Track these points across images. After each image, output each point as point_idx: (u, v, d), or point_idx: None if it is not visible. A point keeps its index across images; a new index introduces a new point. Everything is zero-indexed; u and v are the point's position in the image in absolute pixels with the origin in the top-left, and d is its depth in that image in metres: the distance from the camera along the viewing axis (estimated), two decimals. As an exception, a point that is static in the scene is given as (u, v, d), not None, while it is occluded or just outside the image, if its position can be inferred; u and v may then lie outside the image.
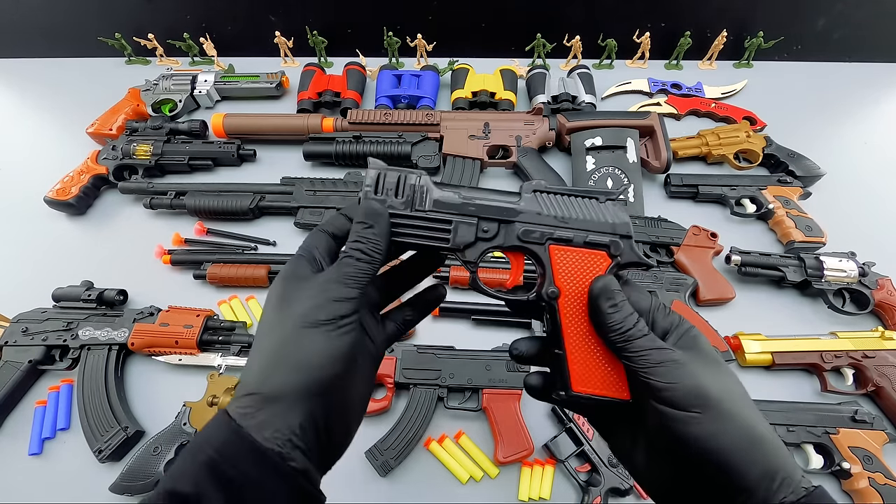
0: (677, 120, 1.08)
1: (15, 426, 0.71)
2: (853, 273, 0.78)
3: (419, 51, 1.16)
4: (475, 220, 0.38)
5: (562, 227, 0.38)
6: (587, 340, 0.36)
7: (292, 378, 0.31)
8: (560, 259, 0.38)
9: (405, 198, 0.38)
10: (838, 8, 1.12)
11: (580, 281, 0.37)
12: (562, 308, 0.37)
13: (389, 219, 0.36)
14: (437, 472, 0.68)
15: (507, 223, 0.38)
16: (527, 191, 0.39)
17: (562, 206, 0.39)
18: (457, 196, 0.38)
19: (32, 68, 1.22)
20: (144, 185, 0.91)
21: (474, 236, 0.38)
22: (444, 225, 0.38)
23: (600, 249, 0.38)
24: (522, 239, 0.38)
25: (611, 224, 0.38)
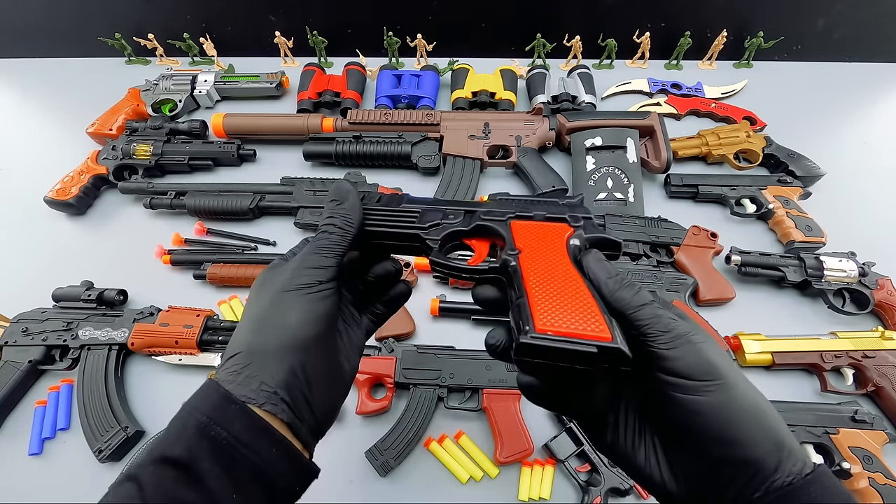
0: (677, 120, 1.08)
1: (15, 426, 0.71)
2: (853, 273, 0.78)
3: (419, 51, 1.16)
4: (442, 210, 0.43)
5: (523, 212, 0.41)
6: (550, 282, 0.33)
7: (273, 334, 0.33)
8: (521, 229, 0.39)
9: (383, 202, 0.44)
10: (838, 8, 1.12)
11: (542, 242, 0.37)
12: (522, 262, 0.35)
13: (357, 194, 0.41)
14: (437, 472, 0.68)
15: (471, 213, 0.42)
16: (492, 198, 0.44)
17: (523, 203, 0.42)
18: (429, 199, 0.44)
19: (33, 68, 1.22)
20: (144, 185, 0.91)
21: (440, 219, 0.42)
22: (413, 215, 0.42)
23: (560, 222, 0.40)
24: (484, 217, 0.41)
25: (567, 207, 0.41)
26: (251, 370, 0.32)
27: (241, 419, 0.30)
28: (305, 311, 0.33)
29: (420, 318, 0.79)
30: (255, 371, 0.31)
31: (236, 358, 0.32)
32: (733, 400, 0.29)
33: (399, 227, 0.41)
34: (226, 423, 0.29)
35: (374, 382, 0.72)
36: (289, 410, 0.32)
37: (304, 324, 0.33)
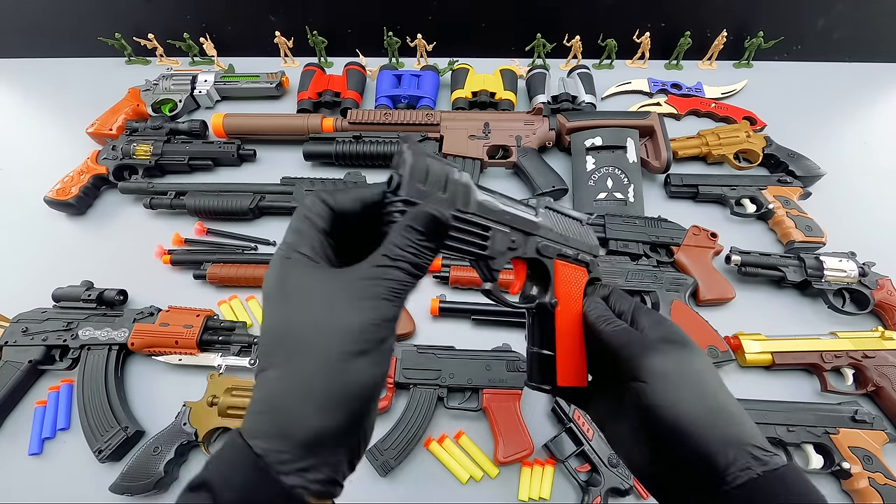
0: (677, 120, 1.08)
1: (15, 426, 0.71)
2: (853, 273, 0.78)
3: (419, 51, 1.16)
4: (508, 230, 0.38)
5: (565, 245, 0.43)
6: (572, 344, 0.41)
7: (329, 418, 0.26)
8: (561, 272, 0.42)
9: (449, 194, 0.32)
10: (838, 8, 1.12)
11: (570, 291, 0.43)
12: (558, 316, 0.41)
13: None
14: (437, 472, 0.68)
15: (529, 235, 0.40)
16: (541, 206, 0.42)
17: (563, 225, 0.43)
18: (497, 202, 0.36)
19: (33, 68, 1.22)
20: (144, 185, 0.91)
21: (506, 246, 0.38)
22: (483, 231, 0.35)
23: (583, 266, 0.44)
24: (541, 252, 0.41)
25: (589, 245, 0.45)
26: (306, 463, 0.26)
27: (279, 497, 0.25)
28: (369, 379, 0.27)
29: (420, 318, 0.79)
30: (312, 463, 0.26)
31: (280, 442, 0.26)
32: (681, 398, 0.32)
33: (469, 246, 0.35)
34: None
35: (374, 382, 0.72)
36: (340, 489, 0.28)
37: (366, 397, 0.28)
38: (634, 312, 0.40)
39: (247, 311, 0.81)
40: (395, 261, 0.28)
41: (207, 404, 0.68)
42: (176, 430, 0.67)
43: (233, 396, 0.68)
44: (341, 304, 0.27)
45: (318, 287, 0.28)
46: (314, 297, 0.27)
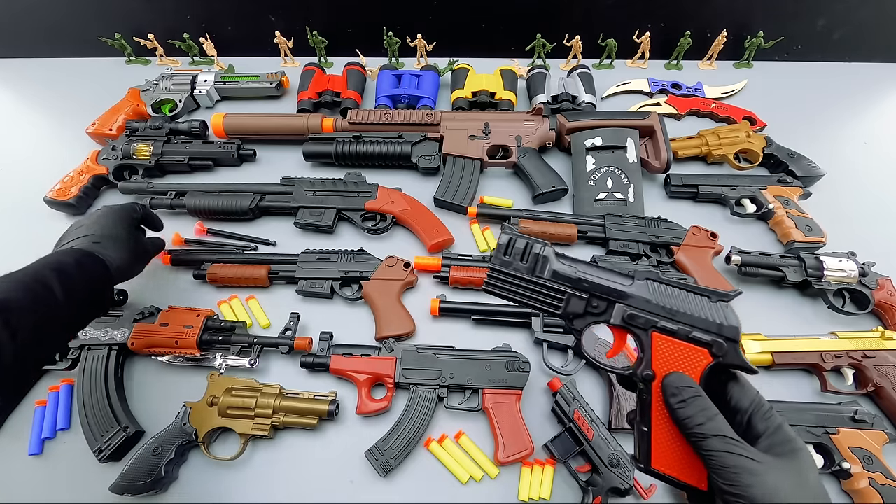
0: (677, 120, 1.08)
1: (15, 426, 0.71)
2: (853, 273, 0.78)
3: (419, 51, 1.16)
4: (587, 296, 0.43)
5: (667, 318, 0.41)
6: (670, 425, 0.38)
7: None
8: (661, 347, 0.41)
9: (528, 263, 0.44)
10: (838, 8, 1.12)
11: (673, 369, 0.40)
12: (654, 391, 0.40)
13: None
14: (437, 472, 0.68)
15: (613, 303, 0.42)
16: (640, 277, 0.43)
17: (672, 298, 0.42)
18: (573, 271, 0.43)
19: (32, 68, 1.22)
20: (144, 185, 0.91)
21: (583, 309, 0.43)
22: (558, 294, 0.43)
23: (702, 346, 0.40)
24: (627, 321, 0.42)
25: (718, 325, 0.41)
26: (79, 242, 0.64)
27: (73, 255, 0.60)
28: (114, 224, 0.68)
29: (420, 318, 0.79)
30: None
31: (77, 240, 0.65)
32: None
33: (543, 305, 0.43)
34: (66, 256, 0.60)
35: (374, 382, 0.72)
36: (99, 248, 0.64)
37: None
38: (753, 414, 0.36)
39: (247, 311, 0.81)
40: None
41: (207, 404, 0.68)
42: (176, 430, 0.67)
43: (233, 396, 0.68)
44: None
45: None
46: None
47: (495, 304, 0.78)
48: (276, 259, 0.82)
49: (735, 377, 0.40)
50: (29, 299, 0.51)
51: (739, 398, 0.38)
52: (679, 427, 0.36)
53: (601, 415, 0.70)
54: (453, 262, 0.81)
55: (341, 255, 0.82)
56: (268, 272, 0.80)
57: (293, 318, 0.75)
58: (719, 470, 0.32)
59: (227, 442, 0.70)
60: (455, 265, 0.81)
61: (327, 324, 0.77)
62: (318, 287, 0.80)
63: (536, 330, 0.75)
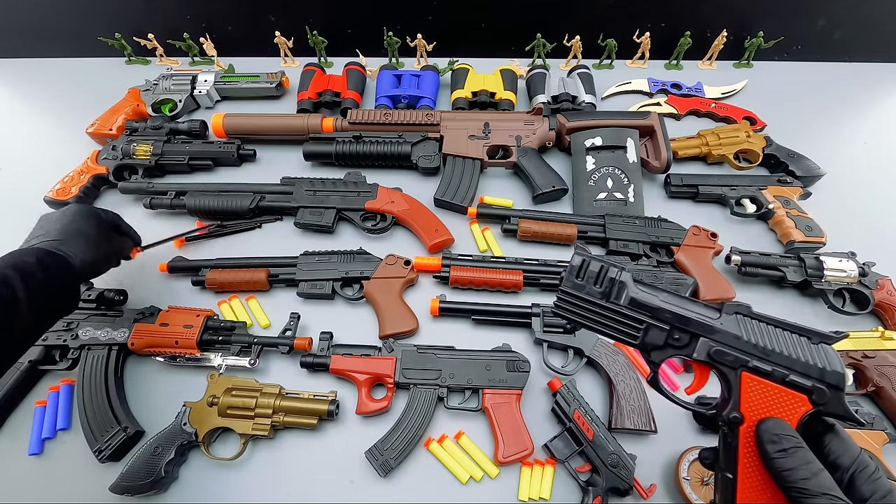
0: (677, 120, 1.08)
1: (15, 426, 0.71)
2: (853, 273, 0.78)
3: (419, 51, 1.16)
4: (667, 328, 0.39)
5: (761, 357, 0.37)
6: (762, 476, 0.35)
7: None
8: (751, 389, 0.37)
9: (603, 287, 0.40)
10: (838, 8, 1.12)
11: (765, 413, 0.36)
12: (742, 436, 0.37)
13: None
14: (437, 472, 0.67)
15: (698, 337, 0.39)
16: (728, 311, 0.39)
17: (766, 336, 0.38)
18: (654, 299, 0.40)
19: (32, 68, 1.22)
20: (144, 185, 0.91)
21: (664, 341, 0.39)
22: (636, 323, 0.40)
23: (801, 392, 0.36)
24: (714, 358, 0.38)
25: (819, 369, 0.37)
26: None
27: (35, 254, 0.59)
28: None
29: (420, 319, 0.79)
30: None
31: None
32: None
33: (618, 334, 0.40)
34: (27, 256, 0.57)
35: (374, 382, 0.72)
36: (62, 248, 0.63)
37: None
38: (856, 474, 0.33)
39: (247, 311, 0.81)
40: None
41: (207, 404, 0.68)
42: (176, 430, 0.67)
43: (233, 396, 0.68)
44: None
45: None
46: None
47: (495, 304, 0.78)
48: (275, 262, 0.82)
49: (833, 429, 0.36)
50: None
51: (840, 454, 0.34)
52: (777, 479, 0.33)
53: (601, 415, 0.70)
54: (453, 262, 0.81)
55: (341, 255, 0.82)
56: (267, 276, 0.80)
57: (293, 318, 0.75)
58: None
59: (227, 442, 0.70)
60: (455, 265, 0.81)
61: (327, 324, 0.77)
62: (319, 288, 0.80)
63: (536, 330, 0.75)
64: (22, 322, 0.54)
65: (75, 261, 0.62)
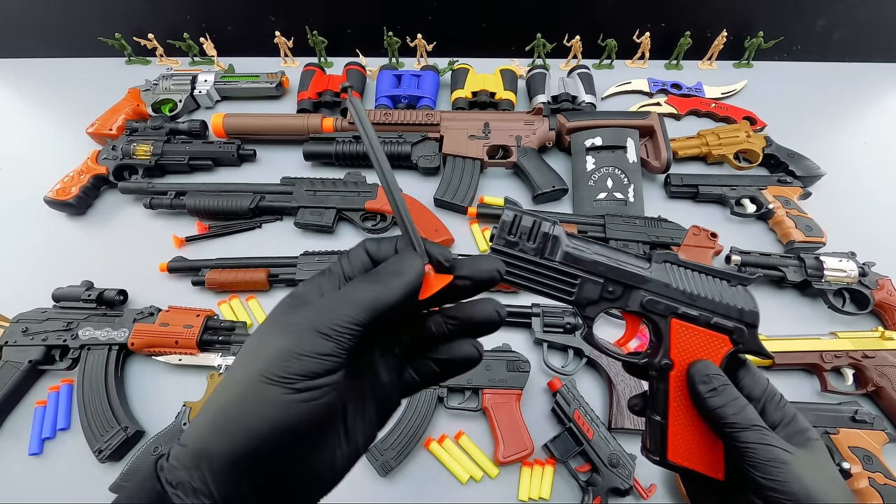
0: (677, 120, 1.08)
1: (15, 426, 0.71)
2: (853, 273, 0.78)
3: (419, 51, 1.16)
4: (602, 280, 0.39)
5: (688, 304, 0.38)
6: (690, 417, 0.37)
7: (223, 439, 0.25)
8: (680, 335, 0.38)
9: (537, 244, 0.39)
10: (838, 8, 1.12)
11: (692, 357, 0.38)
12: (672, 381, 0.38)
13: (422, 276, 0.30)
14: (437, 472, 0.68)
15: (632, 288, 0.39)
16: (657, 260, 0.39)
17: (691, 282, 0.39)
18: (588, 253, 0.39)
19: (32, 68, 1.22)
20: (144, 185, 0.91)
21: (598, 295, 0.39)
22: (570, 279, 0.39)
23: (723, 333, 0.38)
24: (646, 308, 0.38)
25: (738, 310, 0.38)
26: (188, 475, 0.24)
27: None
28: (271, 415, 0.24)
29: (420, 318, 0.79)
30: (192, 478, 0.24)
31: (179, 450, 0.26)
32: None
33: (553, 291, 0.39)
34: None
35: (374, 382, 0.72)
36: None
37: (262, 434, 0.24)
38: (766, 403, 0.36)
39: (247, 311, 0.81)
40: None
41: (207, 404, 0.68)
42: (176, 430, 0.67)
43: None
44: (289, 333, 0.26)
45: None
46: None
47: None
48: (275, 262, 0.82)
49: (745, 364, 0.38)
50: None
51: (751, 387, 0.36)
52: (707, 418, 0.35)
53: (601, 415, 0.70)
54: (453, 262, 0.81)
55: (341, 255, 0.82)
56: (267, 276, 0.80)
57: (293, 318, 0.75)
58: (757, 464, 0.31)
59: (227, 442, 0.70)
60: (455, 265, 0.80)
61: (327, 324, 0.77)
62: (318, 287, 0.79)
63: (536, 330, 0.75)
64: None
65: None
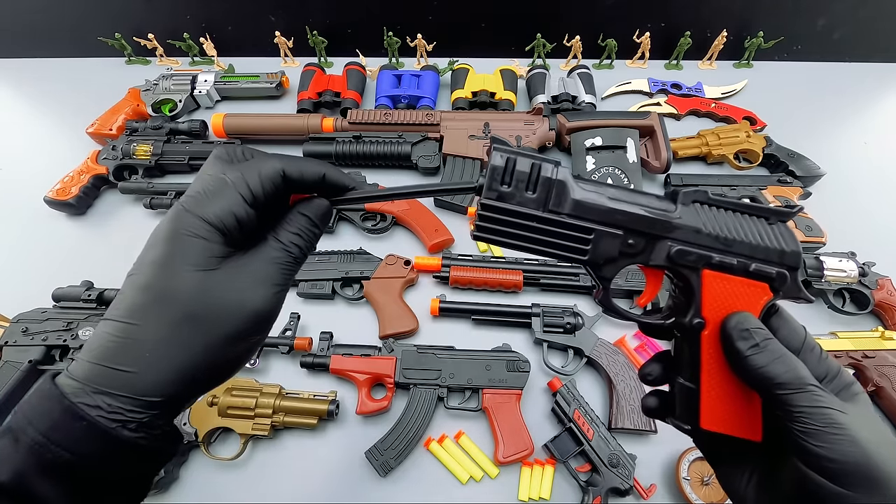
0: (677, 120, 1.08)
1: (15, 426, 0.71)
2: (853, 273, 0.78)
3: (419, 51, 1.16)
4: (621, 233, 0.32)
5: (723, 251, 0.32)
6: (725, 379, 0.32)
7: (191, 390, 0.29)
8: (714, 288, 0.32)
9: (537, 193, 0.31)
10: (838, 8, 1.12)
11: (729, 312, 0.32)
12: (704, 342, 0.32)
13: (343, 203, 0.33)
14: (437, 472, 0.68)
15: (657, 238, 0.32)
16: (685, 200, 0.32)
17: (726, 225, 0.32)
18: (603, 198, 0.32)
19: (32, 68, 1.22)
20: (144, 185, 0.91)
21: (618, 251, 0.32)
22: (583, 234, 0.31)
23: (763, 281, 0.32)
24: (675, 260, 0.32)
25: (779, 251, 0.32)
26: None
27: (91, 437, 0.25)
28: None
29: (420, 319, 0.79)
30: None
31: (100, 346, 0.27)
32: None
33: (564, 251, 0.32)
34: (71, 444, 0.25)
35: (374, 382, 0.72)
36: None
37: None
38: (806, 356, 0.30)
39: (247, 311, 0.81)
40: (289, 248, 0.30)
41: (207, 404, 0.68)
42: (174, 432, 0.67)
43: (232, 396, 0.68)
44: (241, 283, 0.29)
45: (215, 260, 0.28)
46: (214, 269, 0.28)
47: (495, 304, 0.78)
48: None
49: (778, 312, 0.32)
50: None
51: (789, 338, 0.31)
52: (749, 379, 0.30)
53: (601, 415, 0.70)
54: (453, 262, 0.81)
55: (341, 255, 0.82)
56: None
57: (293, 318, 0.75)
58: (812, 431, 0.26)
59: (227, 442, 0.70)
60: (455, 265, 0.81)
61: (327, 324, 0.77)
62: (319, 288, 0.80)
63: (536, 330, 0.75)
64: None
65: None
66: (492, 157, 0.31)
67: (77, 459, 0.25)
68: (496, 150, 0.31)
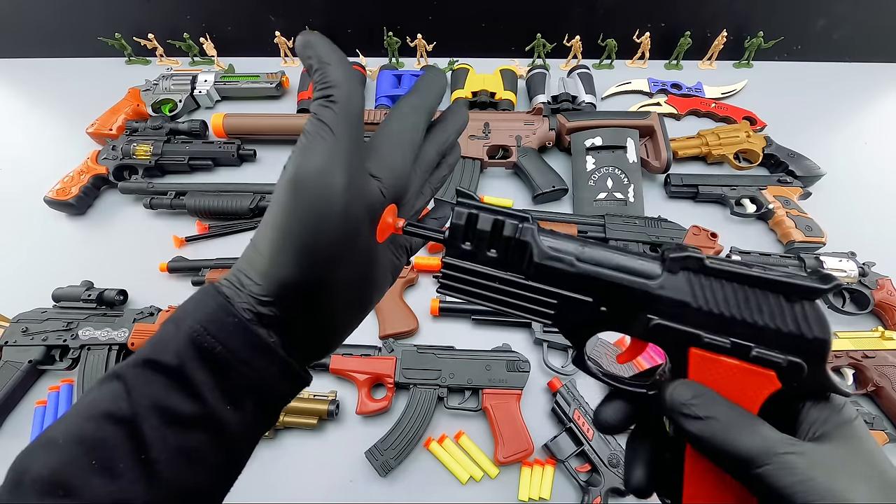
0: (677, 120, 1.08)
1: (15, 426, 0.71)
2: (853, 273, 0.78)
3: (419, 51, 1.16)
4: (590, 300, 0.28)
5: (717, 329, 0.26)
6: (717, 485, 0.27)
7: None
8: (702, 369, 0.27)
9: (499, 253, 0.28)
10: (838, 8, 1.12)
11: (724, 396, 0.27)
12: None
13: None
14: (437, 472, 0.68)
15: (634, 309, 0.27)
16: (673, 267, 0.27)
17: (724, 300, 0.26)
18: (571, 260, 0.27)
19: (32, 68, 1.22)
20: (144, 185, 0.91)
21: (586, 318, 0.28)
22: (547, 297, 0.28)
23: (769, 368, 0.26)
24: (653, 336, 0.27)
25: (796, 337, 0.26)
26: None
27: (239, 334, 0.27)
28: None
29: (420, 319, 0.79)
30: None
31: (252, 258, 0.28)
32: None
33: (525, 312, 0.29)
34: (222, 337, 0.26)
35: (374, 382, 0.72)
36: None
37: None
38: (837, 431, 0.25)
39: (247, 311, 0.81)
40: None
41: (207, 404, 0.68)
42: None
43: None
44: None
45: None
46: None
47: (495, 304, 0.78)
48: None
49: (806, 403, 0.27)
50: None
51: (821, 420, 0.26)
52: (711, 457, 0.25)
53: (601, 415, 0.70)
54: (453, 262, 0.81)
55: (341, 255, 0.82)
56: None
57: (293, 318, 0.75)
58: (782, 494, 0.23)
59: (227, 442, 0.70)
60: (455, 265, 0.80)
61: (327, 324, 0.77)
62: (318, 287, 0.79)
63: (536, 330, 0.75)
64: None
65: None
66: (454, 213, 0.29)
67: (227, 353, 0.26)
68: (459, 206, 0.29)
